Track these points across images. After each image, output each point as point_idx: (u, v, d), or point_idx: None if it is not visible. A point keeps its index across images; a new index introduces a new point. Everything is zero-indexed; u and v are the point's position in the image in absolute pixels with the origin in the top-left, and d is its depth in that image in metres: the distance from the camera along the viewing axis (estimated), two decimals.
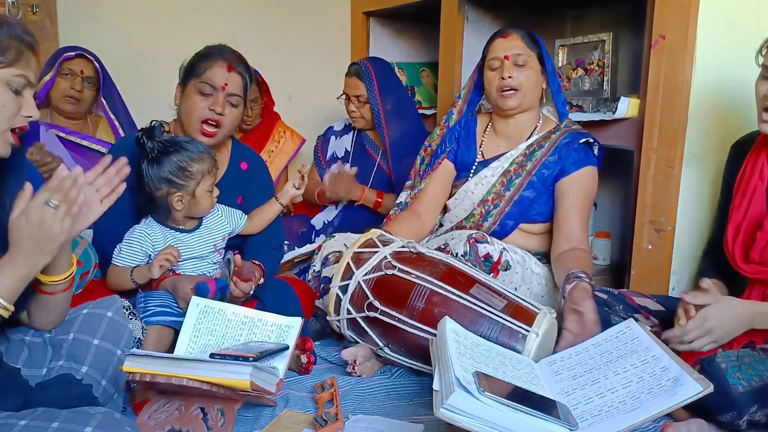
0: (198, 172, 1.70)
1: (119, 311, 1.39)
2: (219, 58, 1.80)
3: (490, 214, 1.99)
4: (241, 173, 1.95)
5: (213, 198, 1.76)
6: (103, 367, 1.31)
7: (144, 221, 1.76)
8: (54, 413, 1.04)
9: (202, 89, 1.78)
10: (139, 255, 1.71)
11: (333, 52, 3.38)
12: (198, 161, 1.70)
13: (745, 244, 1.58)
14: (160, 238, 1.73)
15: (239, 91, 1.82)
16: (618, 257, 2.54)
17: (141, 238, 1.72)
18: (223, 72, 1.78)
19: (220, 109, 1.77)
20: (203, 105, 1.77)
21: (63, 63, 2.34)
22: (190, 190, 1.70)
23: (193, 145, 1.71)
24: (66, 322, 1.34)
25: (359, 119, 2.58)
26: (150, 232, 1.73)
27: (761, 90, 1.51)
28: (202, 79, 1.78)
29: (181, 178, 1.68)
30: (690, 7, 1.87)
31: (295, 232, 2.53)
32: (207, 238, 1.79)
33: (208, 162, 1.72)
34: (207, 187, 1.73)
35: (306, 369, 1.73)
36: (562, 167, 1.94)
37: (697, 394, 1.13)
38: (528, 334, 1.48)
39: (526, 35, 1.97)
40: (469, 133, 2.15)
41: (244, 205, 1.94)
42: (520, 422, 1.08)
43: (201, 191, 1.72)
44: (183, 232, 1.77)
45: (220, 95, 1.78)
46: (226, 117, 1.80)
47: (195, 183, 1.70)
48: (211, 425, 1.34)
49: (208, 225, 1.81)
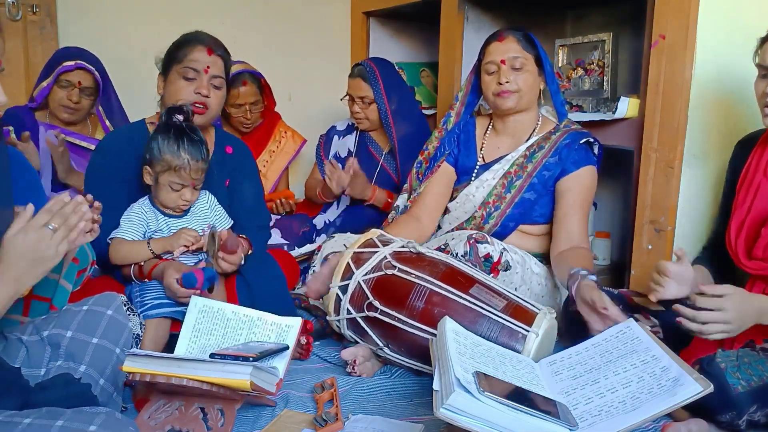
0: (173, 162, 1.70)
1: (119, 309, 1.39)
2: (198, 43, 1.83)
3: (491, 216, 1.99)
4: (227, 156, 1.99)
5: (176, 195, 1.75)
6: (101, 366, 1.31)
7: (140, 201, 1.81)
8: (58, 412, 1.04)
9: (185, 74, 1.81)
10: (139, 230, 1.76)
11: (333, 52, 3.38)
12: (178, 157, 1.70)
13: (748, 241, 1.58)
14: (152, 219, 1.78)
15: (221, 73, 1.86)
16: (618, 257, 2.54)
17: (139, 214, 1.78)
18: (204, 55, 1.82)
19: (206, 92, 1.81)
20: (188, 89, 1.81)
21: (61, 74, 2.32)
22: (156, 171, 1.73)
23: (195, 147, 1.72)
24: (65, 319, 1.33)
25: (363, 120, 2.58)
26: (146, 210, 1.79)
27: (760, 89, 1.53)
28: (184, 64, 1.81)
29: (159, 156, 1.71)
30: (690, 7, 1.87)
31: (295, 232, 2.53)
32: (193, 225, 1.81)
33: (189, 164, 1.71)
34: (167, 180, 1.73)
35: (306, 351, 1.76)
36: (563, 167, 1.95)
37: (697, 394, 1.13)
38: (528, 334, 1.48)
39: (522, 37, 1.96)
40: (469, 136, 2.14)
41: (232, 187, 1.97)
42: (520, 422, 1.08)
43: (164, 180, 1.74)
44: (172, 217, 1.80)
45: (204, 78, 1.82)
46: (212, 99, 1.84)
47: (162, 167, 1.72)
48: (211, 425, 1.35)
49: (194, 212, 1.84)
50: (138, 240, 1.76)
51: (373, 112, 2.53)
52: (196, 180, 1.76)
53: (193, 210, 1.84)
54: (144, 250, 1.74)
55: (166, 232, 1.78)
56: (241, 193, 1.98)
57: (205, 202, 1.87)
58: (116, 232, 1.76)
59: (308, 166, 2.96)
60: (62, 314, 1.36)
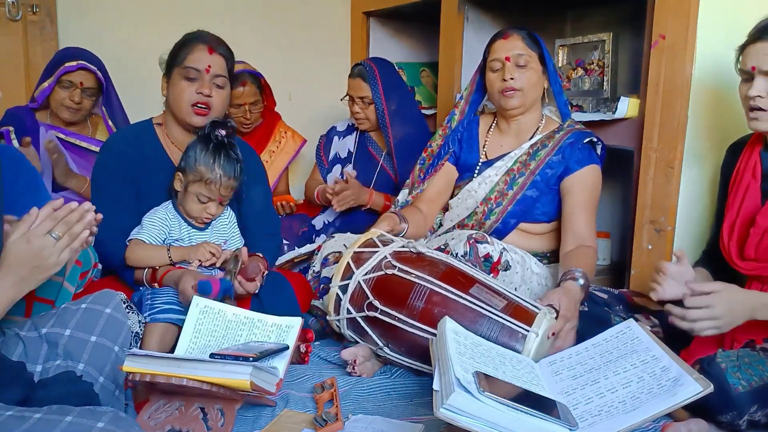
0: (205, 174, 1.72)
1: (118, 307, 1.39)
2: (198, 43, 1.82)
3: (492, 212, 2.00)
4: None
5: (201, 207, 1.77)
6: (100, 364, 1.31)
7: (164, 205, 1.81)
8: (67, 409, 1.05)
9: (187, 74, 1.80)
10: (161, 236, 1.76)
11: (333, 52, 3.38)
12: (211, 171, 1.72)
13: (740, 241, 1.59)
14: (176, 227, 1.78)
15: (223, 71, 1.85)
16: (618, 257, 2.54)
17: (163, 220, 1.78)
18: (205, 55, 1.81)
19: (208, 92, 1.80)
20: (190, 90, 1.80)
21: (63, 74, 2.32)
22: (187, 180, 1.75)
23: (231, 164, 1.74)
24: (64, 317, 1.33)
25: (364, 121, 2.57)
26: (170, 217, 1.79)
27: (743, 92, 1.56)
28: (185, 65, 1.80)
29: (193, 166, 1.73)
30: (690, 7, 1.87)
31: (295, 232, 2.53)
32: (213, 239, 1.82)
33: (221, 180, 1.74)
34: (196, 191, 1.75)
35: (303, 359, 1.76)
36: (567, 166, 1.95)
37: (697, 394, 1.13)
38: (528, 334, 1.48)
39: (526, 36, 1.98)
40: (472, 134, 2.15)
41: (239, 190, 1.93)
42: (520, 422, 1.08)
43: (193, 190, 1.75)
44: (194, 228, 1.80)
45: (206, 78, 1.81)
46: (215, 98, 1.83)
47: (194, 177, 1.73)
48: (211, 425, 1.35)
49: (215, 227, 1.84)
50: (157, 245, 1.75)
51: (373, 113, 2.53)
52: (224, 197, 1.77)
53: (215, 224, 1.84)
54: (162, 255, 1.74)
55: (186, 243, 1.78)
56: (249, 198, 1.95)
57: (226, 219, 1.87)
58: (137, 233, 1.76)
59: (308, 166, 2.96)
60: (61, 312, 1.36)
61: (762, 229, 1.53)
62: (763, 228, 1.53)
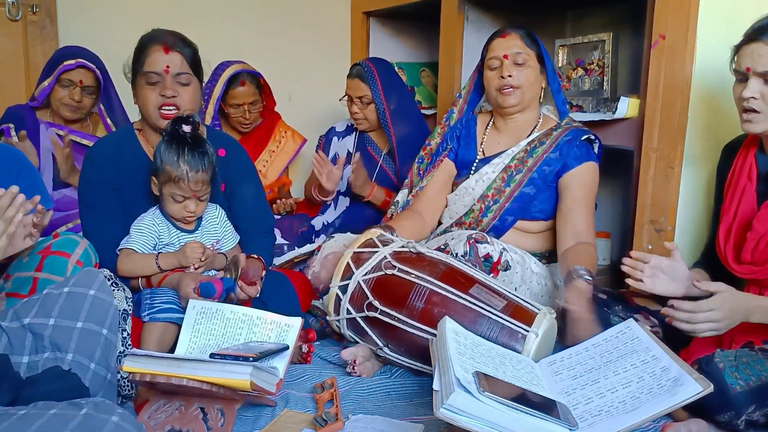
0: (172, 173, 1.68)
1: (102, 286, 1.35)
2: (153, 44, 1.79)
3: (489, 209, 2.00)
4: (220, 160, 1.91)
5: (180, 207, 1.73)
6: (89, 350, 1.28)
7: (151, 211, 1.78)
8: (52, 405, 1.04)
9: (148, 79, 1.77)
10: (150, 242, 1.74)
11: (333, 52, 3.38)
12: (177, 168, 1.67)
13: (736, 245, 1.59)
14: (164, 232, 1.76)
15: (184, 68, 1.79)
16: (618, 257, 2.53)
17: (151, 226, 1.75)
18: (161, 56, 1.77)
19: (171, 92, 1.76)
20: (154, 94, 1.77)
21: (63, 73, 2.32)
22: (160, 182, 1.71)
23: (196, 158, 1.69)
24: (47, 304, 1.30)
25: (362, 121, 2.57)
26: (158, 223, 1.76)
27: (737, 93, 1.55)
28: (144, 70, 1.77)
29: (161, 167, 1.69)
30: (690, 7, 1.87)
31: (295, 232, 2.53)
32: (205, 240, 1.80)
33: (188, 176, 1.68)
34: (169, 191, 1.71)
35: (305, 359, 1.76)
36: (564, 163, 1.95)
37: (697, 394, 1.13)
38: (528, 334, 1.48)
39: (525, 34, 1.98)
40: (470, 132, 2.15)
41: (229, 191, 1.92)
42: (520, 422, 1.08)
43: (167, 191, 1.71)
44: (183, 231, 1.78)
45: (167, 78, 1.77)
46: (181, 97, 1.78)
47: (164, 178, 1.70)
48: (211, 425, 1.35)
49: (206, 227, 1.82)
50: (147, 253, 1.73)
51: (372, 113, 2.53)
52: (198, 192, 1.72)
53: (204, 224, 1.82)
54: (152, 265, 1.71)
55: (177, 247, 1.75)
56: (239, 196, 1.93)
57: (215, 217, 1.85)
58: (126, 242, 1.73)
59: (308, 166, 2.96)
60: (43, 299, 1.31)
61: (759, 234, 1.52)
62: (760, 233, 1.52)
